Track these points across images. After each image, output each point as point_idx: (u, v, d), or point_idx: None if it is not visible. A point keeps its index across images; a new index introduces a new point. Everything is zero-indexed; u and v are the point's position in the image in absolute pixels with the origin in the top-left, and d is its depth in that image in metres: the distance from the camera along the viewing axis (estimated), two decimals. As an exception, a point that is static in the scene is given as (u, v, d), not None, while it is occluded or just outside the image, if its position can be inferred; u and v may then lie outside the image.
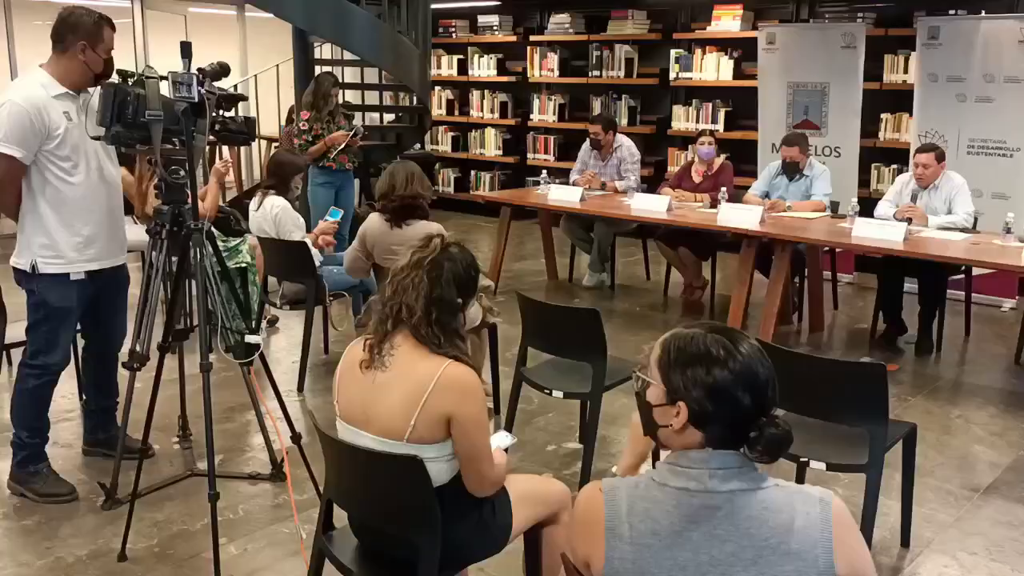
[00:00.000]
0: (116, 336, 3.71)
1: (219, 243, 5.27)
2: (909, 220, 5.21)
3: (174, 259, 3.20)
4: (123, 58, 5.52)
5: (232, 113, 3.27)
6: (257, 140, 9.06)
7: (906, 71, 6.89)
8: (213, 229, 5.31)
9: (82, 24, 3.22)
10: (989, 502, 3.56)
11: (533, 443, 4.05)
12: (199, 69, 3.05)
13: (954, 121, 6.30)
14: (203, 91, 2.99)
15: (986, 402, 4.62)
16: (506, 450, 2.43)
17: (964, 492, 3.64)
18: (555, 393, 3.61)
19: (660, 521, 1.49)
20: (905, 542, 3.20)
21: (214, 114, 3.09)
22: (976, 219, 5.39)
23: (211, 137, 3.30)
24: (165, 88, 2.98)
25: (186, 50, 2.99)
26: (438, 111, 9.89)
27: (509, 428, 3.75)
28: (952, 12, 6.51)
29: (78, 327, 3.60)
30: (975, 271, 5.60)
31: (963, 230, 5.18)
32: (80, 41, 3.21)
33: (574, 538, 1.60)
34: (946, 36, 6.25)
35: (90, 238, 3.35)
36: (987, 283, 6.12)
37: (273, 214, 4.79)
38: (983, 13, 6.30)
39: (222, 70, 3.16)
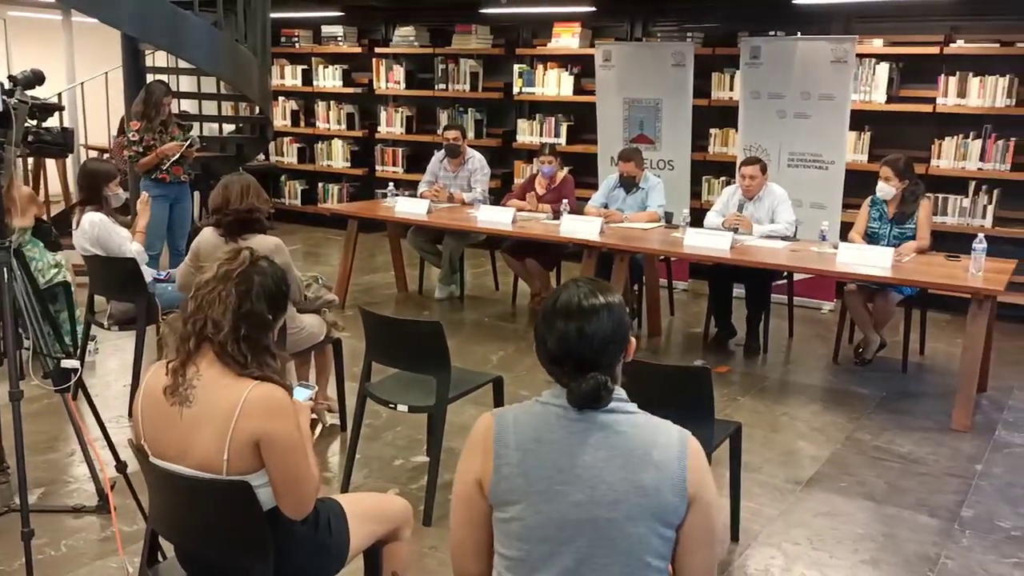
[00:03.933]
0: None
1: (46, 259, 4.97)
2: (736, 229, 5.51)
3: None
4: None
5: (49, 123, 3.09)
6: (86, 151, 8.58)
7: (732, 88, 7.27)
8: (38, 241, 5.01)
9: None
10: (811, 494, 3.80)
11: (380, 459, 4.02)
12: (9, 76, 2.88)
13: (775, 135, 6.71)
14: (13, 101, 2.81)
15: (809, 400, 4.93)
16: (311, 400, 2.27)
17: (788, 486, 3.87)
18: (400, 407, 3.59)
19: (541, 430, 1.73)
20: (735, 537, 3.37)
21: (28, 124, 2.92)
22: (796, 228, 5.76)
23: (26, 148, 3.12)
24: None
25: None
26: (282, 122, 9.67)
27: (355, 444, 3.70)
28: (772, 33, 6.95)
29: None
30: (796, 276, 5.98)
31: (784, 238, 5.53)
32: None
33: (466, 460, 1.78)
34: (767, 56, 6.65)
35: None
36: (807, 287, 6.54)
37: (94, 233, 4.51)
38: (799, 35, 6.74)
39: (36, 78, 2.99)
